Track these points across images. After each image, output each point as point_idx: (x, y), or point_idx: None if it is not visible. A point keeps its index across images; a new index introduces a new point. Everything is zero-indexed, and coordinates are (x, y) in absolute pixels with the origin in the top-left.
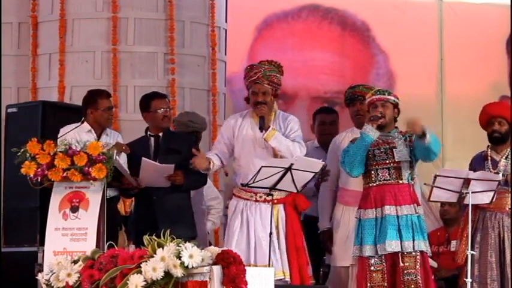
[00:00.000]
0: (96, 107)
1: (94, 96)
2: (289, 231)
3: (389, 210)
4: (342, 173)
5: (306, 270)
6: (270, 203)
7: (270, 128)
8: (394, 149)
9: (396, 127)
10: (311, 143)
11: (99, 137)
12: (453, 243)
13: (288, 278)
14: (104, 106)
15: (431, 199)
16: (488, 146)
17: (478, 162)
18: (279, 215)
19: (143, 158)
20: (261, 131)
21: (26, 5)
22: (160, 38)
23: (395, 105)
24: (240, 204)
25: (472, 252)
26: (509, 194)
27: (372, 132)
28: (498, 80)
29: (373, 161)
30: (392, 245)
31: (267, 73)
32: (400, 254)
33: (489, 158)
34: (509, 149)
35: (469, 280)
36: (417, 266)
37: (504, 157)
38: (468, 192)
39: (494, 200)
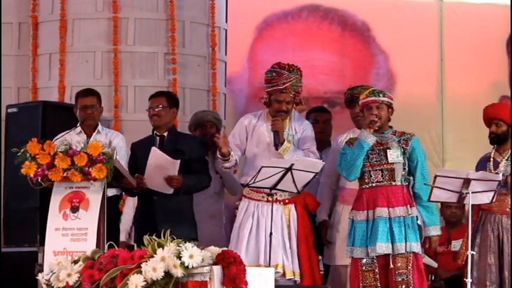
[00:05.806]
0: (77, 106)
1: (76, 96)
2: (301, 231)
3: (381, 212)
4: None
5: (317, 271)
6: (282, 203)
7: (285, 143)
8: (387, 150)
9: (391, 127)
10: None
11: (90, 137)
12: (453, 243)
13: (297, 278)
14: (81, 104)
15: (431, 199)
16: (493, 147)
17: (481, 164)
18: (290, 215)
19: (153, 148)
20: (276, 148)
21: (26, 5)
22: (160, 38)
23: (389, 106)
24: (251, 206)
25: (472, 252)
26: (508, 196)
27: (369, 138)
28: (498, 80)
29: (366, 162)
30: (382, 247)
31: (294, 83)
32: (390, 256)
33: (491, 159)
34: (510, 151)
35: (469, 280)
36: (409, 267)
37: (506, 158)
38: (468, 193)
39: (494, 200)
